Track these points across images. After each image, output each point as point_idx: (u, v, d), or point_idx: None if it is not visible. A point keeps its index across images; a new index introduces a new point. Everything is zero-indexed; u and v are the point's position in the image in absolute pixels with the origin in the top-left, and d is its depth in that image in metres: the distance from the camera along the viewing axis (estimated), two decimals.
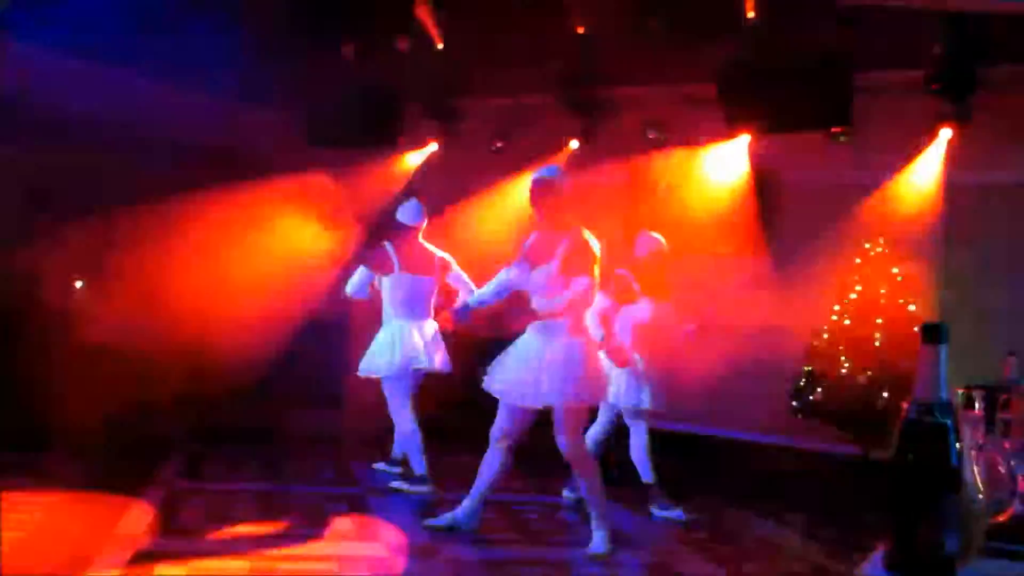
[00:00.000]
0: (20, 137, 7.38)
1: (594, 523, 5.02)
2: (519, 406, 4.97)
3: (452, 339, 6.50)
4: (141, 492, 5.52)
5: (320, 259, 8.03)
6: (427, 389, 6.63)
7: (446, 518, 5.19)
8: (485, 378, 5.09)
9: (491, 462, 5.14)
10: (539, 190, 5.02)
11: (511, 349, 5.06)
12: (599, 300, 5.85)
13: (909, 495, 1.52)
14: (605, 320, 5.91)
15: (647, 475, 6.17)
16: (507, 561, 4.80)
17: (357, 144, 9.41)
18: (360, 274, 6.60)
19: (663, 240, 6.34)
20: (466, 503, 5.18)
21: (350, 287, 6.65)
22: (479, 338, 5.94)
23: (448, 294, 6.45)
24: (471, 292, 6.12)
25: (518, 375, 4.92)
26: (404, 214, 6.59)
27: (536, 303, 4.94)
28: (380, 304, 6.60)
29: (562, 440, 4.90)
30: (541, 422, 5.05)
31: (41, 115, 7.31)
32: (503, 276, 5.24)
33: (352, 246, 7.64)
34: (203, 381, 8.02)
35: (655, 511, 6.10)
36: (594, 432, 6.16)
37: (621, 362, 5.87)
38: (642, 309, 6.15)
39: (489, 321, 5.27)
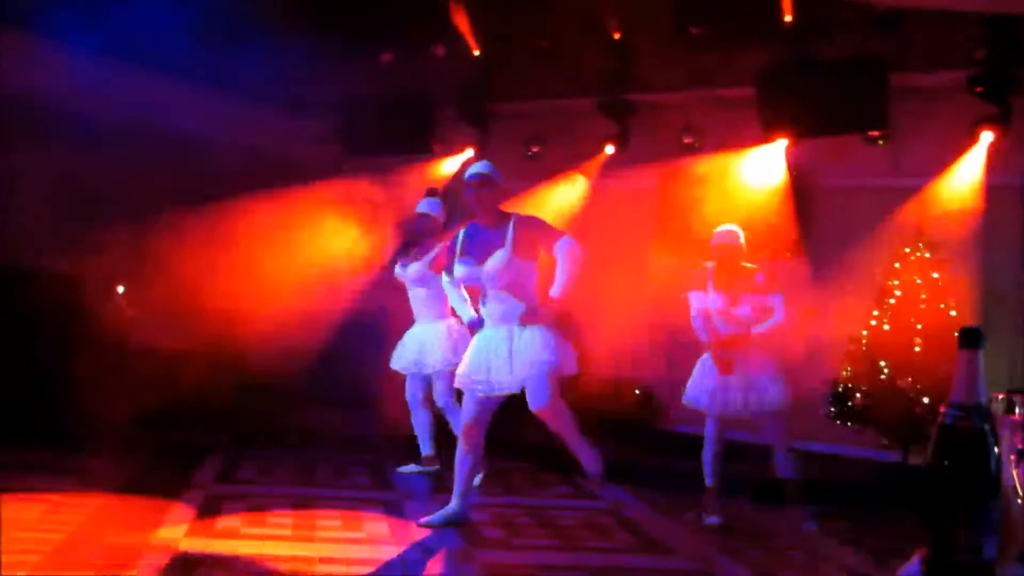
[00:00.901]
0: (68, 140, 7.52)
1: (584, 460, 5.36)
2: (491, 397, 5.08)
3: None
4: (179, 495, 5.58)
5: (356, 263, 8.10)
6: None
7: (441, 515, 5.32)
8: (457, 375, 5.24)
9: (463, 458, 5.29)
10: (480, 184, 5.13)
11: (476, 343, 5.17)
12: (700, 299, 5.92)
13: (947, 500, 1.50)
14: (709, 319, 5.95)
15: (708, 478, 6.09)
16: (543, 566, 4.79)
17: (393, 151, 9.48)
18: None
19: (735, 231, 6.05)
20: (455, 499, 5.33)
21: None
22: None
23: None
24: None
25: (488, 366, 5.01)
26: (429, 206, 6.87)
27: (492, 294, 5.06)
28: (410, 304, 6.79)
29: (541, 413, 4.99)
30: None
31: (88, 119, 7.45)
32: (449, 280, 5.47)
33: (387, 251, 7.70)
34: (240, 383, 8.11)
35: (705, 516, 5.99)
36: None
37: (725, 368, 5.85)
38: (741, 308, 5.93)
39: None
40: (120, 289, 8.53)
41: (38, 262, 7.71)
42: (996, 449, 1.54)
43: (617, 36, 8.69)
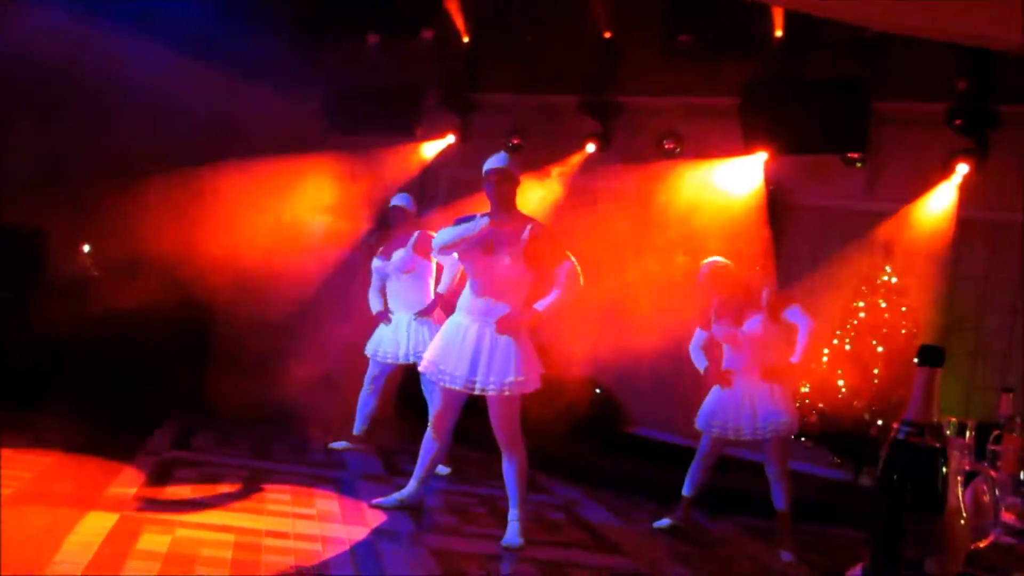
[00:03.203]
0: (43, 100, 7.43)
1: (512, 512, 5.04)
2: (456, 390, 4.98)
3: None
4: (132, 458, 5.54)
5: (329, 238, 8.07)
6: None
7: (394, 498, 5.34)
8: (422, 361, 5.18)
9: (429, 445, 5.29)
10: (500, 179, 5.01)
11: (449, 331, 5.06)
12: (699, 335, 5.95)
13: (892, 514, 1.54)
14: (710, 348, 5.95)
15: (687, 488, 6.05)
16: (492, 555, 4.82)
17: (376, 131, 9.45)
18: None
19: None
20: (412, 482, 5.36)
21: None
22: None
23: None
24: None
25: (457, 359, 4.91)
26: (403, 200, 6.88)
27: (484, 289, 4.96)
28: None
29: (498, 427, 4.97)
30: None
31: (67, 79, 7.36)
32: (451, 262, 5.55)
33: (362, 229, 7.70)
34: (203, 351, 8.06)
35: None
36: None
37: (725, 382, 5.85)
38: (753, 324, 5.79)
39: None
40: (86, 248, 8.42)
41: (3, 218, 7.61)
42: (944, 469, 1.57)
43: (607, 36, 8.71)
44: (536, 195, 9.11)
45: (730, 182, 8.44)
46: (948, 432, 1.66)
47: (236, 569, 3.88)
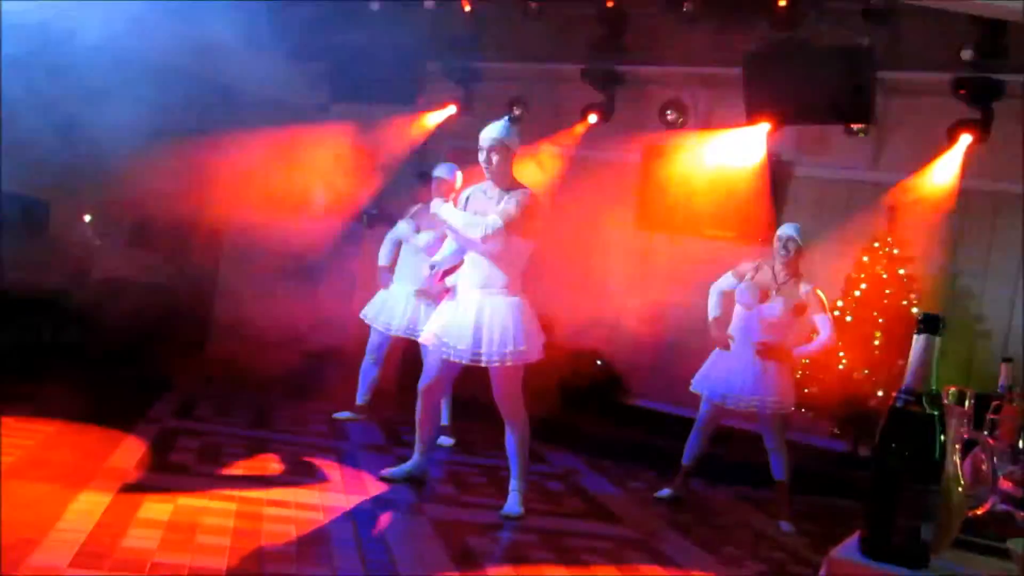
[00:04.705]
0: (42, 65, 7.37)
1: (513, 482, 5.13)
2: (452, 360, 4.96)
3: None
4: (134, 427, 5.56)
5: (329, 208, 8.05)
6: None
7: (402, 469, 5.37)
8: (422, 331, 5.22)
9: (424, 414, 5.28)
10: (495, 150, 4.93)
11: (450, 304, 5.06)
12: (728, 281, 5.99)
13: (890, 482, 1.53)
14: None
15: (685, 457, 6.10)
16: (491, 525, 4.85)
17: (378, 99, 9.38)
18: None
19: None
20: (417, 455, 5.39)
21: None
22: None
23: None
24: None
25: (459, 331, 4.88)
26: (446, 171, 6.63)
27: (475, 258, 4.95)
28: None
29: (500, 398, 5.02)
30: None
31: (66, 44, 7.30)
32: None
33: (364, 197, 7.68)
34: (206, 321, 8.07)
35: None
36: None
37: (723, 345, 5.92)
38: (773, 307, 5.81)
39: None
40: (87, 218, 8.41)
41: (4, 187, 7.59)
42: (943, 437, 1.56)
43: (610, 4, 8.63)
44: (537, 167, 9.09)
45: (733, 153, 8.41)
46: (947, 401, 1.66)
47: (237, 538, 3.90)
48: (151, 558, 3.48)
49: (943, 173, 7.60)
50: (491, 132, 4.96)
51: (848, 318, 7.52)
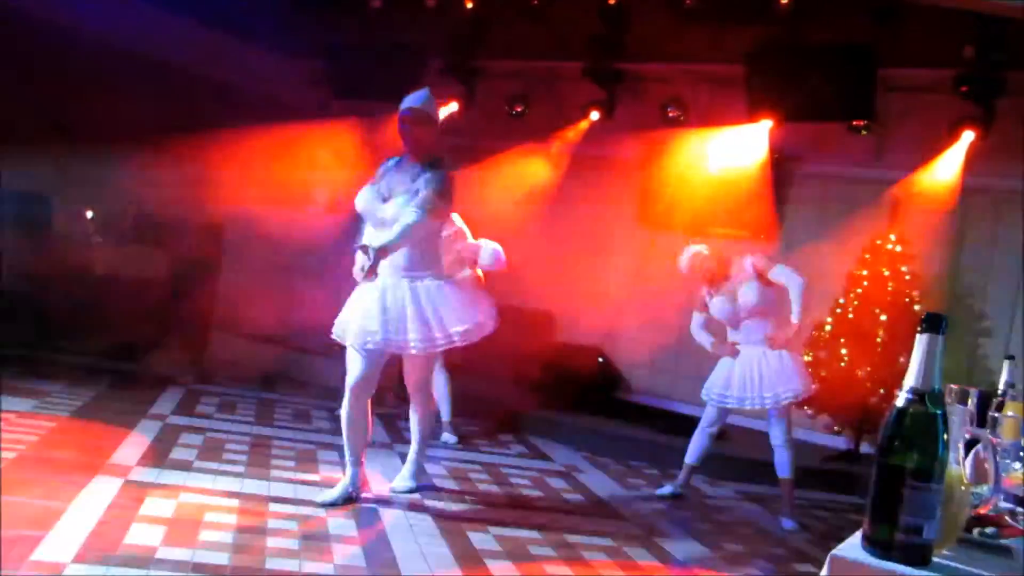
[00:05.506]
0: (46, 63, 7.38)
1: (414, 455, 5.22)
2: (379, 352, 4.64)
3: None
4: (136, 424, 5.57)
5: (329, 205, 8.05)
6: None
7: (341, 492, 4.70)
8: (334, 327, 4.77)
9: (355, 420, 4.72)
10: (415, 122, 4.63)
11: (364, 293, 4.66)
12: (698, 320, 5.98)
13: (892, 480, 1.54)
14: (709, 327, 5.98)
15: (689, 456, 6.09)
16: (492, 520, 4.85)
17: (379, 97, 9.37)
18: None
19: None
20: (350, 470, 4.77)
21: None
22: None
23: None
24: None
25: (381, 321, 4.54)
26: None
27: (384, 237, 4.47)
28: None
29: (420, 382, 5.06)
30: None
31: (70, 44, 7.31)
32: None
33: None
34: (208, 318, 8.07)
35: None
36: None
37: (731, 352, 5.91)
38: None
39: None
40: (89, 214, 8.42)
41: (8, 183, 7.60)
42: (945, 435, 1.57)
43: (611, 1, 8.62)
44: (539, 165, 9.10)
45: (735, 150, 8.41)
46: (949, 399, 1.66)
47: (240, 534, 3.91)
48: (154, 554, 3.48)
49: (945, 170, 7.60)
50: (410, 100, 4.66)
51: (850, 315, 7.52)
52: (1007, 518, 1.80)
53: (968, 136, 7.42)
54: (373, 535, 4.30)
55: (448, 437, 6.67)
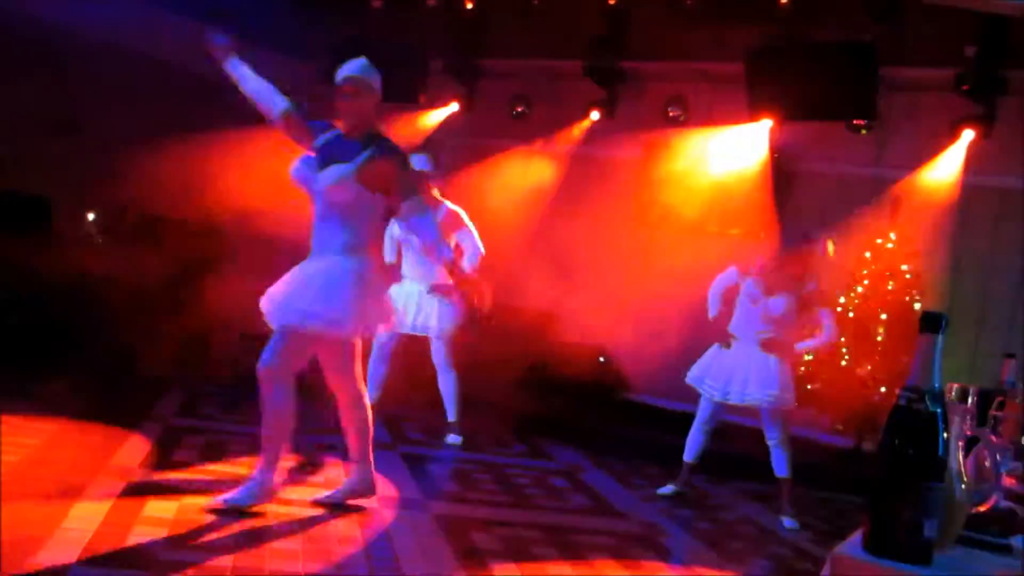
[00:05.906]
0: (46, 63, 7.39)
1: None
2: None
3: None
4: (138, 425, 5.57)
5: None
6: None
7: (245, 494, 4.30)
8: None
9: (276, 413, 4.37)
10: (353, 91, 4.31)
11: (293, 272, 4.45)
12: (730, 277, 5.93)
13: (893, 478, 1.54)
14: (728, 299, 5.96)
15: (687, 454, 6.11)
16: (495, 520, 4.86)
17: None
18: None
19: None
20: (259, 474, 4.37)
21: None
22: None
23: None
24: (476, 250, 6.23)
25: (285, 295, 4.33)
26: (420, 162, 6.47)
27: (323, 212, 4.32)
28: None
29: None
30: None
31: (72, 43, 7.31)
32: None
33: None
34: (208, 319, 8.05)
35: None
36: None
37: (724, 343, 5.92)
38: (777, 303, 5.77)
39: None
40: (91, 216, 8.42)
41: (7, 184, 7.60)
42: (946, 434, 1.57)
43: (611, 1, 8.63)
44: (540, 165, 9.10)
45: (736, 149, 8.41)
46: (950, 398, 1.66)
47: (242, 536, 3.91)
48: (156, 556, 3.49)
49: (946, 169, 7.61)
50: (347, 69, 4.35)
51: (851, 314, 7.53)
52: (1007, 517, 1.80)
53: (969, 135, 7.43)
54: (375, 535, 4.30)
55: (452, 437, 6.66)
